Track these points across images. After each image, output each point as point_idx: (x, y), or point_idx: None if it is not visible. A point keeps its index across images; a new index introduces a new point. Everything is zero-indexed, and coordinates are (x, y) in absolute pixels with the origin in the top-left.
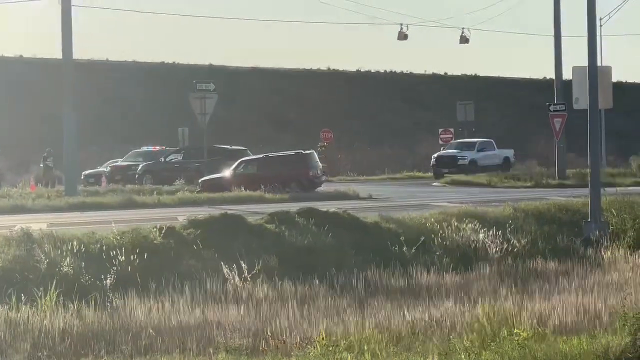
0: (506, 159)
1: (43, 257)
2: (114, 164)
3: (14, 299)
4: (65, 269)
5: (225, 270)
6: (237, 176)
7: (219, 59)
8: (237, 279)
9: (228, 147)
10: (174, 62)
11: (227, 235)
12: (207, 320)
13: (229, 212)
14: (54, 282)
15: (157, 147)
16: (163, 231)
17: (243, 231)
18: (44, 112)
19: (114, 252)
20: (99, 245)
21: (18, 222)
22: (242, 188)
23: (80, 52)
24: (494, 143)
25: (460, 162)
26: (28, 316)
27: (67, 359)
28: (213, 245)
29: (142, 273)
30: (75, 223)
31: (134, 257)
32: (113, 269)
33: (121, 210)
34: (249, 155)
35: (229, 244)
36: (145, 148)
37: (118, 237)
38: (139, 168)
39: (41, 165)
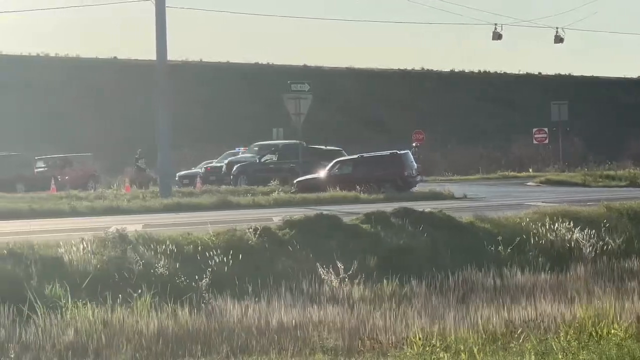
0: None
1: (138, 258)
2: (209, 164)
3: (109, 300)
4: (160, 270)
5: (321, 270)
6: (332, 176)
7: (313, 60)
8: (333, 279)
9: (323, 147)
10: (268, 63)
11: (323, 236)
12: (303, 320)
13: (324, 212)
14: (149, 283)
15: (244, 148)
16: (258, 232)
17: (338, 231)
18: (138, 113)
19: (209, 253)
20: (193, 246)
21: (113, 223)
22: (337, 188)
23: (174, 54)
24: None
25: None
26: (123, 317)
27: (163, 359)
28: (308, 246)
29: (238, 274)
30: (170, 224)
31: (229, 257)
32: (208, 270)
33: (216, 211)
34: (343, 155)
35: (325, 244)
36: (239, 149)
37: (213, 238)
38: (233, 169)
39: (134, 166)
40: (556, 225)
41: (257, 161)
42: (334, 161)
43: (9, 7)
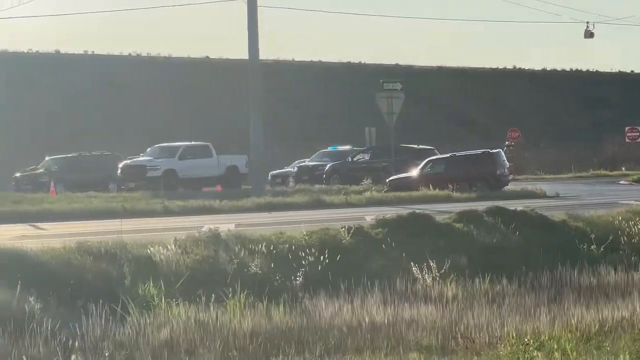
0: (232, 168)
1: (232, 258)
2: (301, 164)
3: (203, 299)
4: (254, 270)
5: (414, 269)
6: (424, 175)
7: (405, 59)
8: (426, 278)
9: (415, 146)
10: (360, 62)
11: (415, 235)
12: (397, 319)
13: (417, 211)
14: (243, 283)
15: (345, 147)
16: (352, 231)
17: (431, 230)
18: (229, 112)
19: (302, 253)
20: (287, 245)
21: (206, 223)
22: (429, 187)
23: (266, 53)
24: (211, 148)
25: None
26: (217, 316)
27: (257, 359)
28: (401, 245)
29: (331, 273)
30: (263, 223)
31: (322, 257)
32: (301, 269)
33: (309, 210)
34: (436, 154)
35: (417, 243)
36: (332, 148)
37: (306, 237)
38: (326, 168)
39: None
40: None
41: (350, 160)
42: (426, 160)
43: (98, 8)
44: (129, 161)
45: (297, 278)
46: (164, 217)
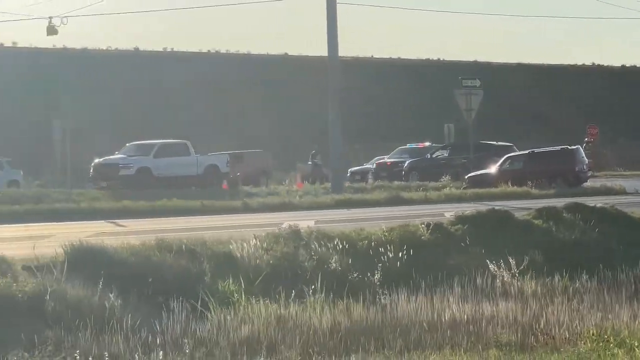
0: (212, 167)
1: (312, 254)
2: (380, 160)
3: (283, 295)
4: (333, 266)
5: (493, 265)
6: (503, 172)
7: (484, 55)
8: (505, 274)
9: (494, 143)
10: (439, 59)
11: (494, 231)
12: (476, 315)
13: (496, 207)
14: (322, 279)
15: (424, 144)
16: (430, 227)
17: (510, 226)
18: (308, 109)
19: (381, 249)
20: (366, 241)
21: (286, 219)
22: (508, 184)
23: (345, 50)
24: (189, 146)
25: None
26: (297, 313)
27: (336, 355)
28: (480, 241)
29: (410, 269)
30: (342, 220)
31: (401, 253)
32: (380, 266)
33: (387, 206)
34: (514, 151)
35: (496, 239)
36: (410, 145)
37: (386, 234)
38: (405, 164)
39: (309, 162)
40: None
41: (429, 157)
42: (505, 157)
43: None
44: (101, 160)
45: (377, 274)
46: (243, 214)
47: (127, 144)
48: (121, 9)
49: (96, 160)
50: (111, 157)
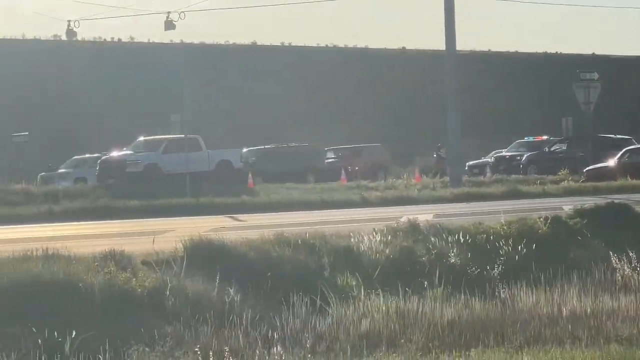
0: (224, 163)
1: (431, 248)
2: (498, 154)
3: (401, 290)
4: (452, 260)
5: (613, 259)
6: (621, 165)
7: (603, 48)
8: (625, 268)
9: (612, 136)
10: (556, 52)
11: (614, 224)
12: (596, 309)
13: (615, 201)
14: (441, 273)
15: (542, 137)
16: (549, 221)
17: (630, 220)
18: (426, 103)
19: (500, 243)
20: (484, 235)
21: (404, 213)
22: (627, 177)
23: (461, 43)
24: (200, 141)
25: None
26: (417, 307)
27: (456, 349)
28: (599, 235)
29: (529, 263)
30: (460, 214)
31: (520, 247)
32: (499, 260)
33: (505, 200)
34: (633, 144)
35: (616, 232)
36: (528, 138)
37: (505, 227)
38: (523, 158)
39: (434, 155)
40: None
41: (547, 150)
42: (624, 150)
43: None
44: (107, 156)
45: (495, 268)
46: (362, 208)
47: (136, 140)
48: (238, 3)
49: (103, 157)
50: (118, 153)
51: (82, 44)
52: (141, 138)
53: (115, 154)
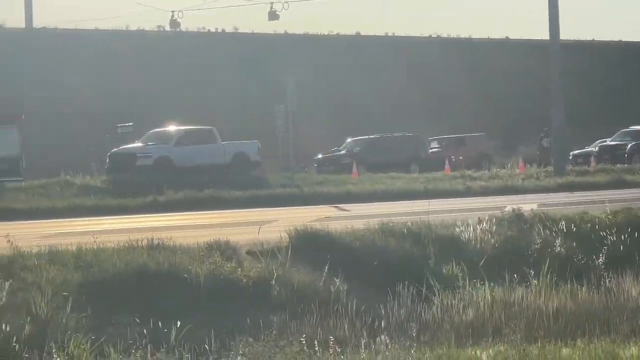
0: (241, 156)
1: (535, 237)
2: (602, 143)
3: (507, 279)
4: (557, 250)
5: None
6: None
7: None
8: None
9: None
10: None
11: None
12: None
13: None
14: (546, 262)
15: None
16: None
17: None
18: (530, 94)
19: (605, 232)
20: (590, 225)
21: (507, 203)
22: None
23: (565, 33)
24: (215, 133)
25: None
26: (522, 296)
27: (562, 338)
28: None
29: (635, 253)
30: (564, 203)
31: (626, 236)
32: (604, 249)
33: (610, 190)
34: None
35: None
36: (633, 127)
37: (610, 217)
38: (628, 147)
39: (539, 145)
40: None
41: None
42: None
43: None
44: (117, 149)
45: (600, 258)
46: (466, 197)
47: (149, 132)
48: None
49: (113, 150)
50: (128, 146)
51: (186, 35)
52: (153, 130)
53: (127, 146)
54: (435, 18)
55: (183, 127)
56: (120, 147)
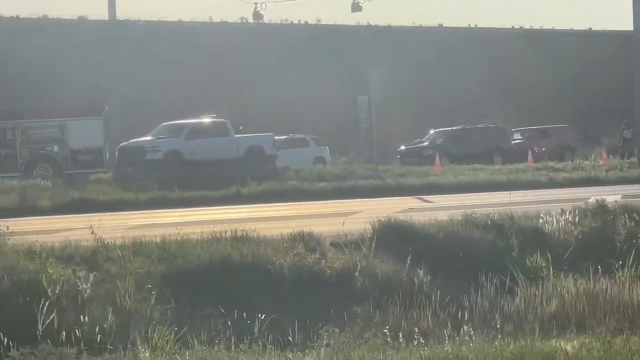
0: (255, 149)
1: (620, 229)
2: None
3: (591, 270)
4: None
5: None
6: None
7: None
8: None
9: None
10: None
11: None
12: None
13: None
14: (632, 254)
15: None
16: None
17: None
18: (611, 85)
19: None
20: None
21: (591, 194)
22: None
23: None
24: (228, 125)
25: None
26: (606, 288)
27: None
28: None
29: None
30: None
31: None
32: None
33: None
34: None
35: None
36: None
37: None
38: None
39: (620, 136)
40: None
41: None
42: None
43: None
44: (126, 142)
45: None
46: (549, 189)
47: (160, 125)
48: None
49: (122, 143)
50: (138, 139)
51: (269, 26)
52: (164, 123)
53: (136, 140)
54: (517, 10)
55: (194, 120)
56: (130, 141)
